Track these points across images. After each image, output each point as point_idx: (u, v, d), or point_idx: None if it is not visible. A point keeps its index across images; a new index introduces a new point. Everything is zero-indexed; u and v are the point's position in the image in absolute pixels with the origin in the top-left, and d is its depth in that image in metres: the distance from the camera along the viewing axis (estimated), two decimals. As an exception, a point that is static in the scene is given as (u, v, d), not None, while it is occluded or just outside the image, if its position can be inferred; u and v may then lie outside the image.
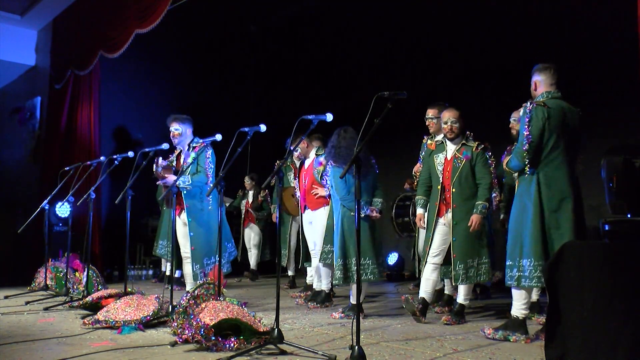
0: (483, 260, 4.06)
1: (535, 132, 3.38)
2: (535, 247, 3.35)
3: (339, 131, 4.48)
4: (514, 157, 3.51)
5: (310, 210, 5.24)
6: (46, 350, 3.20)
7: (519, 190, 3.55)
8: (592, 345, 2.50)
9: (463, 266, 4.02)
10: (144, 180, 4.83)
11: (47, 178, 7.40)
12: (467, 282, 4.06)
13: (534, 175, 3.43)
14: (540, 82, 3.61)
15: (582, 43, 5.98)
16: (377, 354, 3.09)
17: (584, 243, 3.26)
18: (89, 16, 7.40)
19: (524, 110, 3.49)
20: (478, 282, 4.13)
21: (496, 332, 3.47)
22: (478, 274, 4.05)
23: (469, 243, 4.05)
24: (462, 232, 4.05)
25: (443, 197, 4.15)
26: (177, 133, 4.83)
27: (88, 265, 5.14)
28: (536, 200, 3.39)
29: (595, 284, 2.55)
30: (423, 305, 4.11)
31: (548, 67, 3.63)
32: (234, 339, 3.15)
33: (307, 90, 8.67)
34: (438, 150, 4.28)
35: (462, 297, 4.11)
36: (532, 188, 3.42)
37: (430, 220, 4.23)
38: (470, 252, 4.05)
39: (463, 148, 4.13)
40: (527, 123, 3.42)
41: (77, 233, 6.24)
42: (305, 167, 5.38)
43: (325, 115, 3.25)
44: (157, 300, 4.06)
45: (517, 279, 3.42)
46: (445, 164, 4.18)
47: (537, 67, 3.66)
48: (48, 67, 8.35)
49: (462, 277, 4.02)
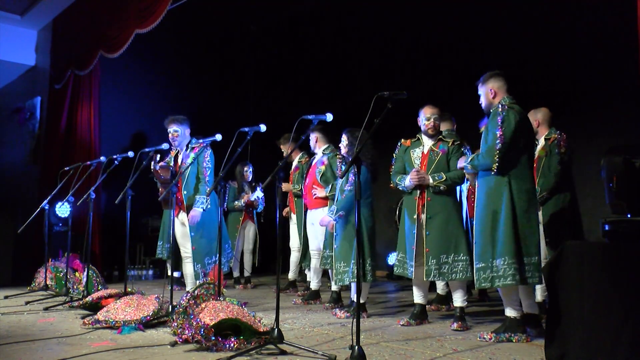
0: (460, 257, 3.91)
1: (508, 133, 3.43)
2: (509, 245, 3.35)
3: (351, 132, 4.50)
4: (484, 155, 3.50)
5: (309, 210, 5.26)
6: (46, 350, 3.20)
7: (485, 190, 3.54)
8: (592, 345, 2.51)
9: (435, 262, 3.90)
10: (144, 180, 4.84)
11: (47, 178, 7.40)
12: (439, 279, 3.98)
13: (505, 176, 3.45)
14: (499, 88, 3.65)
15: (582, 43, 5.98)
16: (377, 354, 3.09)
17: (584, 243, 3.27)
18: (89, 16, 7.40)
19: (494, 111, 3.55)
20: (452, 279, 3.95)
21: (498, 335, 3.44)
22: (453, 272, 3.90)
23: (443, 238, 3.93)
24: (436, 227, 3.95)
25: (420, 192, 4.06)
26: (176, 134, 4.85)
27: (88, 265, 5.14)
28: (508, 201, 3.40)
29: (596, 284, 2.56)
30: (422, 311, 4.12)
31: (500, 74, 3.69)
32: (234, 339, 3.15)
33: (307, 90, 8.66)
34: (414, 145, 4.24)
35: (459, 301, 3.98)
36: (504, 188, 3.43)
37: (409, 218, 4.09)
38: (444, 247, 3.92)
39: (440, 142, 4.12)
40: (500, 124, 3.45)
41: (77, 233, 6.24)
42: (312, 165, 5.34)
43: (325, 115, 3.25)
44: (157, 300, 4.06)
45: (491, 280, 3.41)
46: (422, 158, 4.14)
47: (490, 75, 3.69)
48: (48, 67, 8.34)
49: (433, 273, 3.90)
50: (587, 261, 2.61)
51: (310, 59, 8.44)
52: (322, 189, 5.03)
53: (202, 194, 4.67)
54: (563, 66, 6.21)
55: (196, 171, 4.72)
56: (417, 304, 4.13)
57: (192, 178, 4.75)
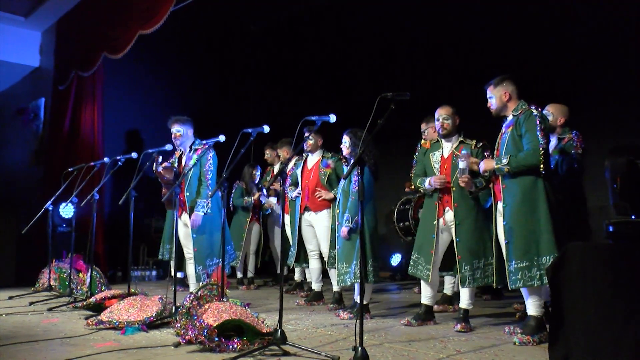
0: (489, 260, 3.89)
1: (548, 134, 3.54)
2: (554, 243, 3.38)
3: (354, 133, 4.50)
4: (530, 155, 3.45)
5: (312, 212, 5.17)
6: (50, 351, 3.21)
7: (520, 189, 3.51)
8: (596, 346, 2.50)
9: (469, 267, 3.89)
10: (147, 181, 4.85)
11: (51, 179, 7.42)
12: (473, 285, 3.92)
13: (541, 176, 3.48)
14: (512, 91, 3.67)
15: (585, 42, 5.96)
16: (380, 355, 3.08)
17: (588, 244, 3.26)
18: (93, 17, 7.42)
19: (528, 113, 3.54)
20: (485, 284, 3.96)
21: (533, 337, 3.36)
22: (485, 275, 3.91)
23: (473, 243, 3.92)
24: (465, 232, 3.92)
25: (441, 197, 4.03)
26: (179, 134, 4.85)
27: (91, 266, 5.15)
28: (545, 199, 3.45)
29: (599, 285, 2.55)
30: (428, 312, 4.12)
31: (513, 78, 3.71)
32: (237, 340, 3.15)
33: (308, 90, 8.66)
34: (433, 148, 4.19)
35: (465, 302, 3.95)
36: (540, 187, 3.47)
37: (428, 222, 4.08)
38: (475, 252, 3.92)
39: (462, 145, 4.03)
40: (539, 125, 3.47)
41: (81, 234, 6.23)
42: (309, 167, 5.29)
43: (329, 117, 3.25)
44: (160, 301, 4.07)
45: (540, 278, 3.38)
46: (442, 162, 4.08)
47: (503, 78, 3.71)
48: (52, 68, 8.36)
49: (468, 280, 3.88)
50: (591, 262, 2.60)
51: (311, 59, 8.45)
52: (328, 191, 5.03)
53: (204, 198, 4.65)
54: (567, 66, 6.19)
55: (198, 173, 4.72)
56: (423, 305, 4.11)
57: (195, 180, 4.75)
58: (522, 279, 3.43)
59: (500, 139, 3.72)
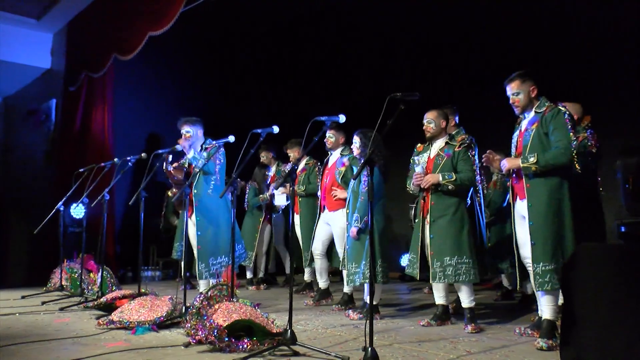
0: (464, 259, 3.89)
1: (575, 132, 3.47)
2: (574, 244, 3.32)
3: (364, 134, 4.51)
4: (561, 154, 3.36)
5: (328, 211, 5.14)
6: (61, 350, 3.24)
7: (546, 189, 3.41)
8: (608, 348, 2.48)
9: (440, 264, 3.92)
10: (157, 182, 4.87)
11: (62, 179, 7.47)
12: (444, 281, 3.93)
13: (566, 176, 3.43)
14: (535, 88, 3.60)
15: (594, 41, 5.91)
16: (390, 355, 3.08)
17: (600, 245, 3.24)
18: (103, 19, 7.48)
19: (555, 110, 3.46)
20: (456, 281, 3.92)
21: (554, 340, 3.27)
22: (457, 274, 3.88)
23: (446, 240, 3.94)
24: (438, 229, 3.98)
25: (425, 196, 4.11)
26: (188, 135, 4.85)
27: (102, 266, 5.18)
28: (568, 200, 3.39)
29: (611, 286, 2.53)
30: (445, 312, 4.13)
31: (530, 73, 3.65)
32: (247, 340, 3.16)
33: (310, 90, 8.65)
34: (424, 150, 4.28)
35: (466, 302, 3.95)
36: (565, 187, 3.42)
37: (418, 221, 4.18)
38: (448, 249, 3.92)
39: (446, 146, 4.13)
40: (568, 123, 3.41)
41: (92, 234, 6.28)
42: (329, 165, 5.26)
43: (338, 117, 3.25)
44: (170, 301, 4.09)
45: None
46: (428, 163, 4.16)
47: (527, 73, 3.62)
48: (63, 69, 8.44)
49: (438, 276, 3.92)
50: (603, 263, 2.58)
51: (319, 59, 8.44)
52: (343, 190, 5.01)
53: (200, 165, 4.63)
54: (576, 65, 6.14)
55: (206, 167, 4.70)
56: (439, 305, 4.13)
57: (202, 177, 4.75)
58: (551, 281, 3.34)
59: (521, 137, 3.61)
